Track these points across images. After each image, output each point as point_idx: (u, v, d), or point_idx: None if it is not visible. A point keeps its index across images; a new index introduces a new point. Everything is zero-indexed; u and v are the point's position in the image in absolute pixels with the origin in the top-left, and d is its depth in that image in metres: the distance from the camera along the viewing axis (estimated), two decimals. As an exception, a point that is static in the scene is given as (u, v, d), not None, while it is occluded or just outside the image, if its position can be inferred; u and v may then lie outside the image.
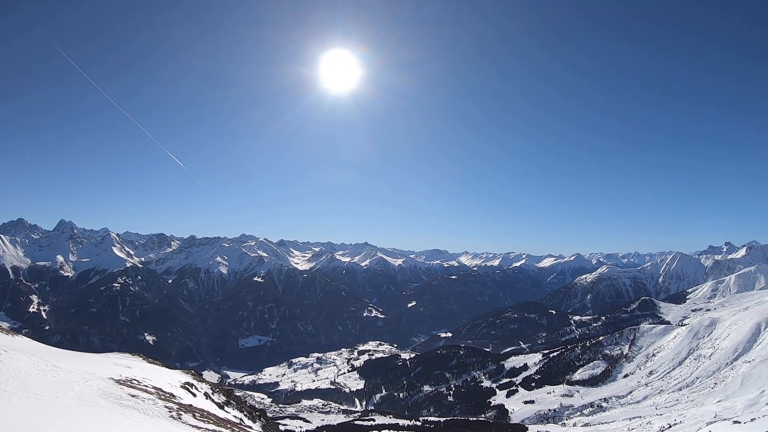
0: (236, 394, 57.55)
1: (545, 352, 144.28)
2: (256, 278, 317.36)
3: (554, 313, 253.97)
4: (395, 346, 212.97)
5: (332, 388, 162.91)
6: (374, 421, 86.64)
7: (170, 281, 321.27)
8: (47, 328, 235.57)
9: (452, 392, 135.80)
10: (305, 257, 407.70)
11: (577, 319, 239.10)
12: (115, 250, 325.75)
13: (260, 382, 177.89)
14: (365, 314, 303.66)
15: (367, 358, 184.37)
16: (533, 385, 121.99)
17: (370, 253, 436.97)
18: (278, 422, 74.21)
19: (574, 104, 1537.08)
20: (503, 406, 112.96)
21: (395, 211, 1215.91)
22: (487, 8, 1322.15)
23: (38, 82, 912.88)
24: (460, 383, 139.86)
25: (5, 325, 48.95)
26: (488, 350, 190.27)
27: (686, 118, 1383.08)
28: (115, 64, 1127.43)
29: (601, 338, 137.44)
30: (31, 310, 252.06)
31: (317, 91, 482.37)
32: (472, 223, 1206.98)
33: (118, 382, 23.97)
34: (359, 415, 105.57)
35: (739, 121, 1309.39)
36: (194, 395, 28.78)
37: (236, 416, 29.13)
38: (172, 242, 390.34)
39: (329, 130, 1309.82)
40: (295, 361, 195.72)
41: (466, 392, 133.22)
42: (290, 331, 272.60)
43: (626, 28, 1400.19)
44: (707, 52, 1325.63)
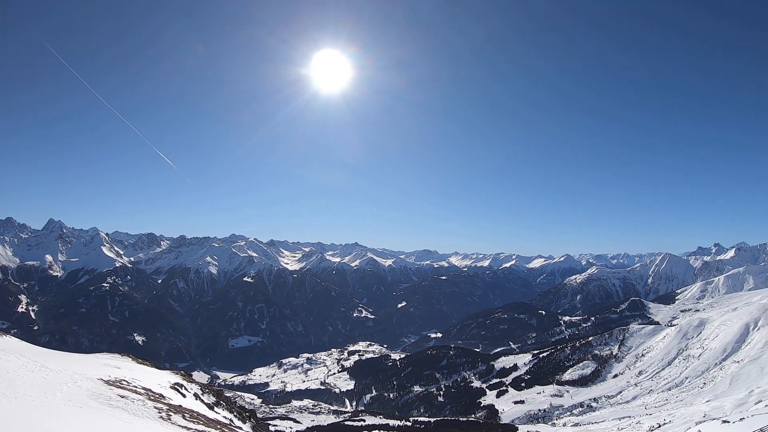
0: (226, 394, 57.37)
1: (535, 352, 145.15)
2: (246, 278, 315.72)
3: (544, 313, 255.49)
4: (385, 346, 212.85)
5: (322, 388, 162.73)
6: (364, 421, 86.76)
7: (160, 281, 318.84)
8: (36, 328, 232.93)
9: (442, 392, 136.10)
10: (295, 257, 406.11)
11: (566, 319, 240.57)
12: (104, 249, 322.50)
13: (250, 382, 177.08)
14: (355, 315, 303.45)
15: (357, 358, 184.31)
16: (523, 385, 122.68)
17: (360, 253, 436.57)
18: (268, 423, 74.08)
19: (564, 105, 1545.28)
20: (493, 406, 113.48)
21: (386, 211, 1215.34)
22: (479, 9, 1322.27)
23: (26, 79, 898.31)
24: (450, 383, 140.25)
25: (-8, 325, 48.52)
26: (478, 351, 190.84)
27: (676, 119, 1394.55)
28: (105, 62, 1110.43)
29: (590, 339, 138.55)
30: (19, 310, 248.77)
31: (308, 90, 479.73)
32: (462, 223, 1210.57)
33: (107, 382, 23.84)
34: (349, 415, 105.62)
35: (729, 122, 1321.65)
36: (184, 396, 28.66)
37: (226, 417, 29.02)
38: (161, 242, 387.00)
39: (320, 129, 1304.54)
40: (285, 361, 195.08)
41: (456, 392, 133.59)
42: (280, 331, 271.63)
43: (614, 27, 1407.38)
44: (697, 51, 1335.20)
